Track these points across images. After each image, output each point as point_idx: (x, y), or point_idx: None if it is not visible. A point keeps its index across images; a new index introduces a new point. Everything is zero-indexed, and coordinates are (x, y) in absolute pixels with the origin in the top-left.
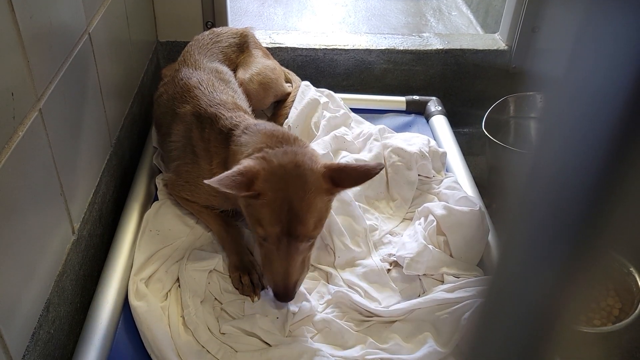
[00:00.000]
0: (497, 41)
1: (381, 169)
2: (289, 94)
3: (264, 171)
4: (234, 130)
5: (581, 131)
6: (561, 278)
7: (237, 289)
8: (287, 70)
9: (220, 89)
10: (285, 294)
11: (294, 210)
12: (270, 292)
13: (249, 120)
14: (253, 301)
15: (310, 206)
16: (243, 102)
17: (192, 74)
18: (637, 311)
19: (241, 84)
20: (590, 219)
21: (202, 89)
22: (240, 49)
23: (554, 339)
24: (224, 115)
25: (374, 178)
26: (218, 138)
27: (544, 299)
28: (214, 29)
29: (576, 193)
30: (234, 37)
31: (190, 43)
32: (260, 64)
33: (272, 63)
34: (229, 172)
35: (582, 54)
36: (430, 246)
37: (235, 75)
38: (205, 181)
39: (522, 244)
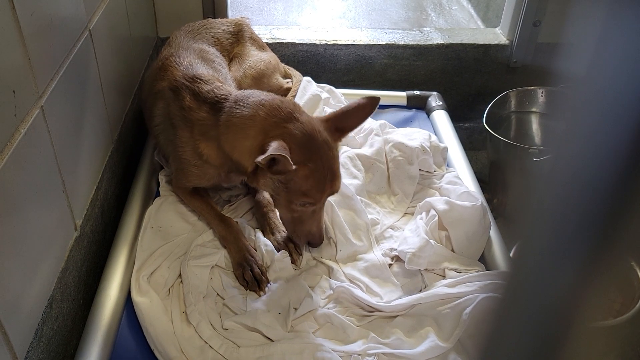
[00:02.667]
0: (498, 36)
1: (377, 101)
2: (287, 89)
3: (296, 147)
4: (223, 102)
5: (603, 131)
6: (579, 277)
7: (242, 285)
8: (287, 66)
9: (199, 65)
10: (321, 240)
11: (332, 171)
12: (272, 284)
13: (235, 91)
14: (259, 296)
15: (338, 161)
16: (226, 81)
17: (172, 52)
18: (638, 305)
19: (235, 81)
20: (609, 219)
21: (178, 63)
22: (235, 37)
23: (571, 337)
24: (204, 86)
25: (375, 173)
26: (203, 107)
27: (561, 298)
28: (209, 19)
29: (596, 193)
30: (228, 25)
31: (179, 28)
32: (254, 58)
33: (267, 56)
34: (271, 146)
35: (606, 52)
36: (431, 241)
37: (229, 69)
38: (257, 159)
39: (540, 242)
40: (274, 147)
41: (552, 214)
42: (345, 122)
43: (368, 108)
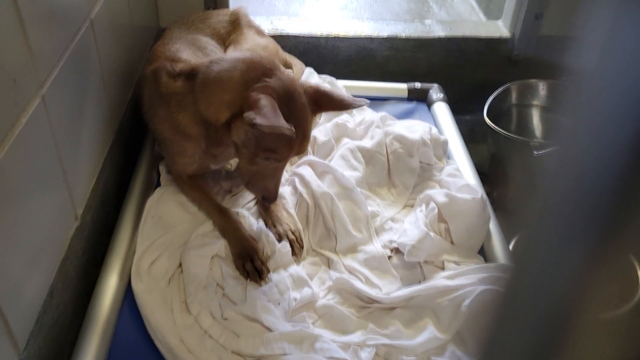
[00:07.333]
0: (499, 28)
1: (360, 105)
2: None
3: (277, 102)
4: (198, 68)
5: (610, 126)
6: (586, 270)
7: (242, 276)
8: (287, 54)
9: (187, 50)
10: (275, 197)
11: (304, 132)
12: (273, 275)
13: (214, 56)
14: (260, 286)
15: (311, 124)
16: None
17: (164, 42)
18: (636, 298)
19: None
20: (617, 213)
21: (166, 50)
22: (232, 25)
23: (576, 330)
24: (179, 64)
25: (376, 165)
26: (178, 80)
27: (566, 291)
28: (205, 11)
29: (604, 188)
30: (224, 15)
31: (174, 22)
32: (251, 42)
33: (265, 41)
34: (264, 106)
35: (615, 47)
36: (431, 233)
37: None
38: (256, 121)
39: (547, 236)
40: (265, 104)
41: (559, 207)
42: (324, 101)
43: (348, 106)
